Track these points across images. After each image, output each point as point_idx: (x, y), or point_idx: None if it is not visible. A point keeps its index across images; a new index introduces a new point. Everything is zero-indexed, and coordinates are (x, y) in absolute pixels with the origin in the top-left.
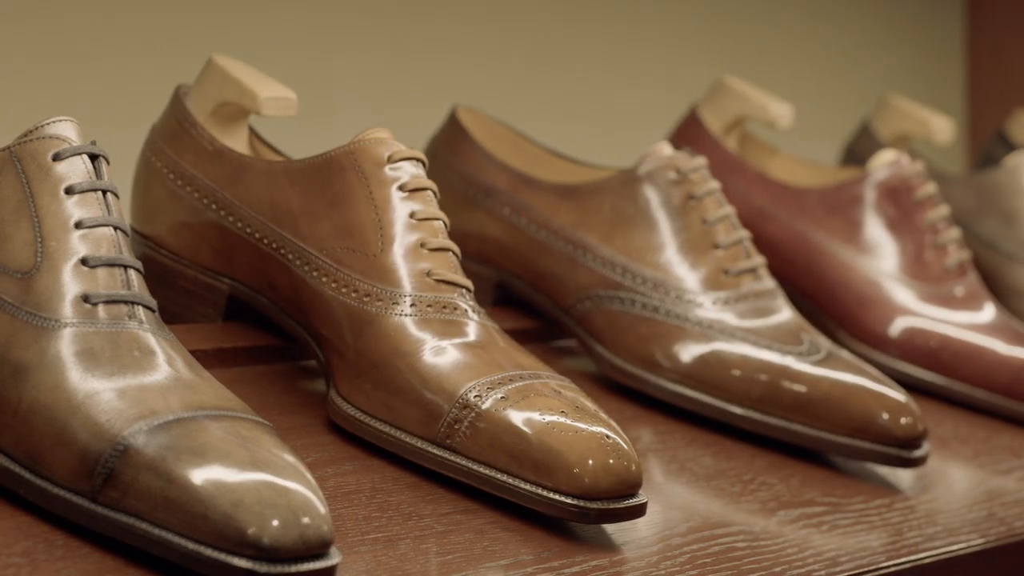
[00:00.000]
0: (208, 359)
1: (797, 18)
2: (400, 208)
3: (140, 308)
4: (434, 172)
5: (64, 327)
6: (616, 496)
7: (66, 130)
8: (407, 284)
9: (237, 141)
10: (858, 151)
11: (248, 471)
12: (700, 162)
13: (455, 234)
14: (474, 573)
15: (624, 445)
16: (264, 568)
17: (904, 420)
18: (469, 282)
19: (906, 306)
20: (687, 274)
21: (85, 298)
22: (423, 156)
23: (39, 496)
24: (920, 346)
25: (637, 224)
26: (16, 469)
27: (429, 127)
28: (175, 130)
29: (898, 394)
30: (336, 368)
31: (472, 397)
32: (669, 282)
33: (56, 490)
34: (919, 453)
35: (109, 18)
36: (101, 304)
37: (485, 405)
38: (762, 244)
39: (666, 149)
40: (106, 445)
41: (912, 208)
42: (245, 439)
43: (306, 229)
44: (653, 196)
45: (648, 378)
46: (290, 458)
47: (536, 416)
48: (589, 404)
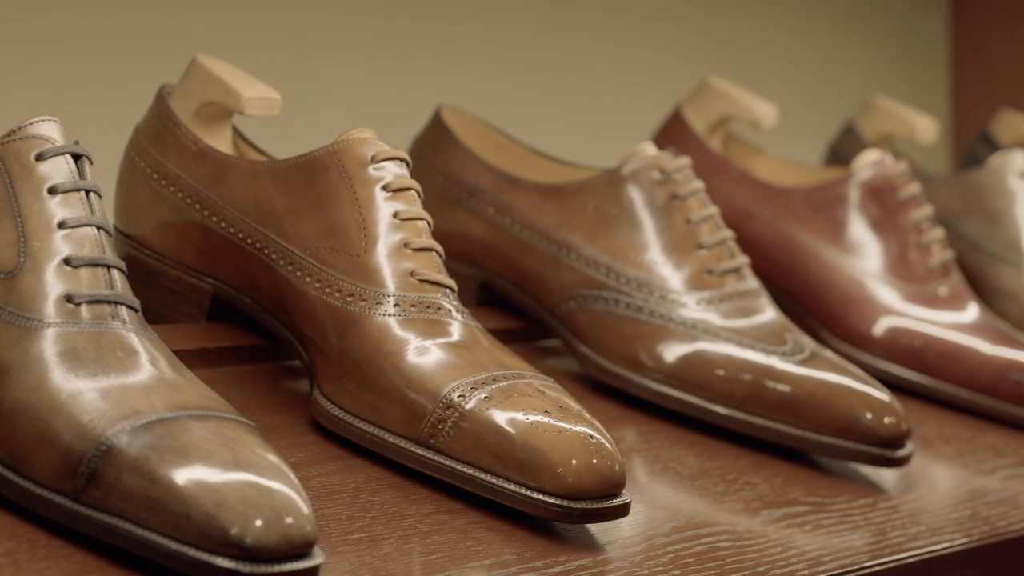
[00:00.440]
0: (192, 359)
1: (781, 18)
2: (384, 208)
3: (123, 308)
4: (418, 172)
5: (47, 327)
6: (600, 496)
7: (49, 130)
8: (391, 284)
9: (221, 141)
10: (842, 151)
11: (231, 471)
12: (684, 162)
13: (439, 234)
14: (457, 573)
15: (608, 445)
16: (247, 568)
17: (888, 420)
18: (453, 282)
19: (890, 306)
20: (671, 274)
21: (68, 298)
22: (407, 156)
23: (22, 496)
24: (904, 346)
25: (621, 224)
26: None
27: (413, 127)
28: (159, 130)
29: (882, 394)
30: (320, 368)
31: (456, 397)
32: (653, 282)
33: (39, 490)
34: (902, 453)
35: (92, 18)
36: (84, 304)
37: (469, 405)
38: (746, 244)
39: (650, 149)
40: (89, 445)
41: (896, 208)
42: (228, 439)
43: (290, 229)
44: (637, 196)
45: (632, 378)
46: (273, 458)
47: (520, 416)
48: (573, 404)
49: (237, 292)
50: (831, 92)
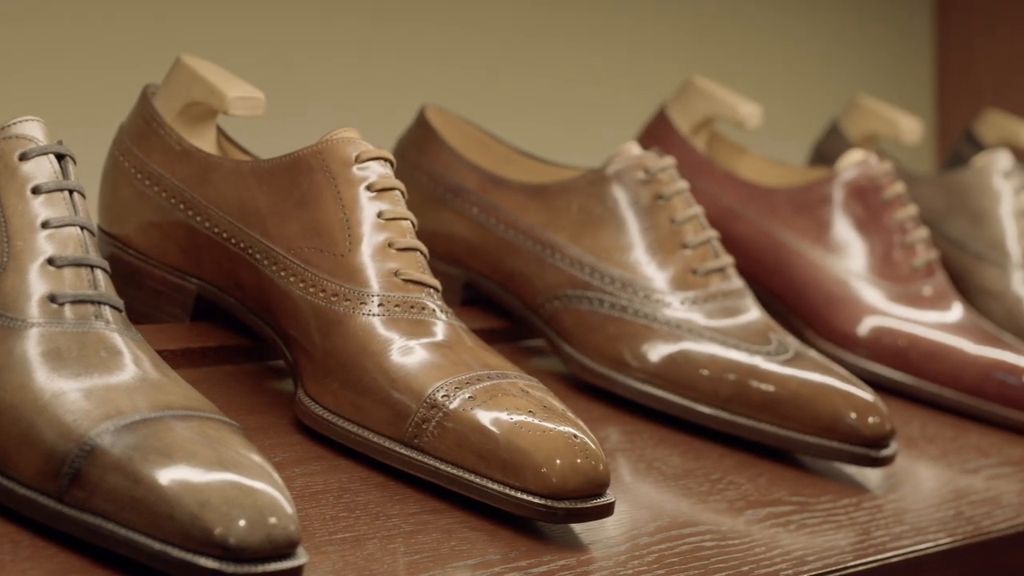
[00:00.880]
0: (176, 359)
1: (766, 18)
2: (368, 208)
3: (107, 308)
4: (402, 172)
5: (30, 327)
6: (584, 496)
7: (32, 130)
8: (375, 284)
9: (205, 141)
10: (827, 151)
11: (215, 471)
12: (668, 162)
13: (424, 234)
14: (441, 573)
15: (592, 445)
16: (231, 568)
17: (872, 419)
18: (437, 282)
19: (874, 306)
20: (655, 274)
21: (51, 298)
22: (391, 156)
23: (5, 496)
24: (888, 345)
25: (605, 224)
26: None
27: (398, 127)
28: (143, 130)
29: (866, 393)
30: (304, 368)
31: (440, 397)
32: (637, 282)
33: (22, 490)
34: (886, 452)
35: (76, 18)
36: (68, 304)
37: (453, 405)
38: (730, 244)
39: (634, 149)
40: (72, 445)
41: (880, 208)
42: (212, 439)
43: (274, 229)
44: (621, 196)
45: (616, 378)
46: (257, 458)
47: (504, 416)
48: (557, 404)
49: (221, 292)
50: (816, 92)
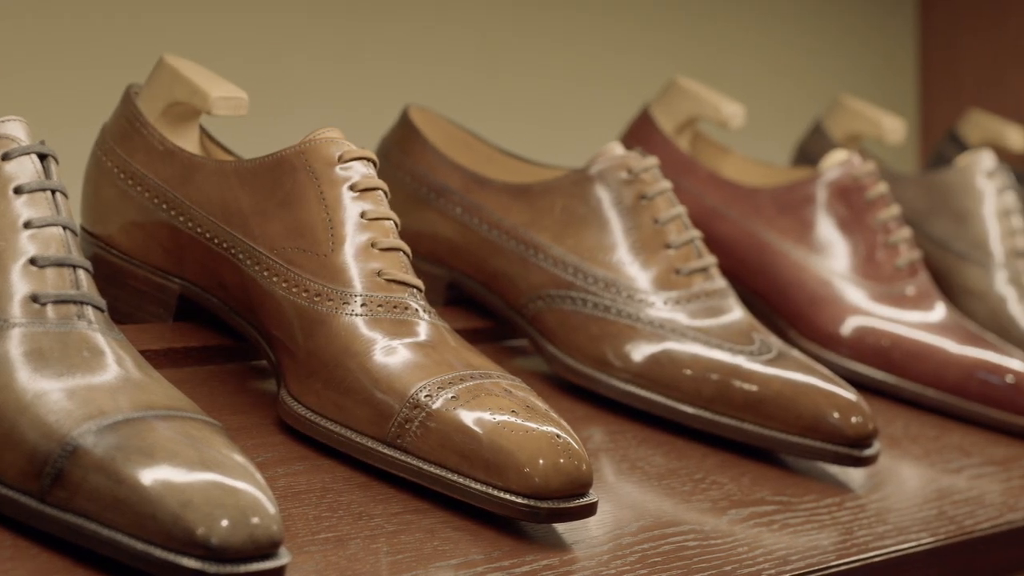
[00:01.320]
0: (158, 359)
1: (749, 18)
2: (351, 208)
3: (89, 308)
4: (386, 172)
5: (12, 327)
6: (567, 495)
7: (15, 130)
8: (358, 284)
9: (188, 141)
10: (810, 151)
11: (197, 471)
12: (651, 162)
13: (407, 234)
14: (424, 573)
15: (575, 445)
16: (213, 568)
17: (854, 419)
18: (420, 282)
19: (857, 305)
20: (638, 274)
21: (34, 298)
22: (374, 156)
23: None
24: (871, 345)
25: (589, 224)
26: None
27: (381, 127)
28: (126, 130)
29: (848, 393)
30: (287, 368)
31: (423, 397)
32: (620, 282)
33: (4, 490)
34: (869, 452)
35: (59, 18)
36: (50, 304)
37: (436, 405)
38: (714, 244)
39: (617, 149)
40: (55, 445)
41: (863, 208)
42: (194, 439)
43: (257, 229)
44: (605, 196)
45: (599, 377)
46: (239, 458)
47: (487, 416)
48: (540, 404)
49: (204, 292)
50: (799, 92)
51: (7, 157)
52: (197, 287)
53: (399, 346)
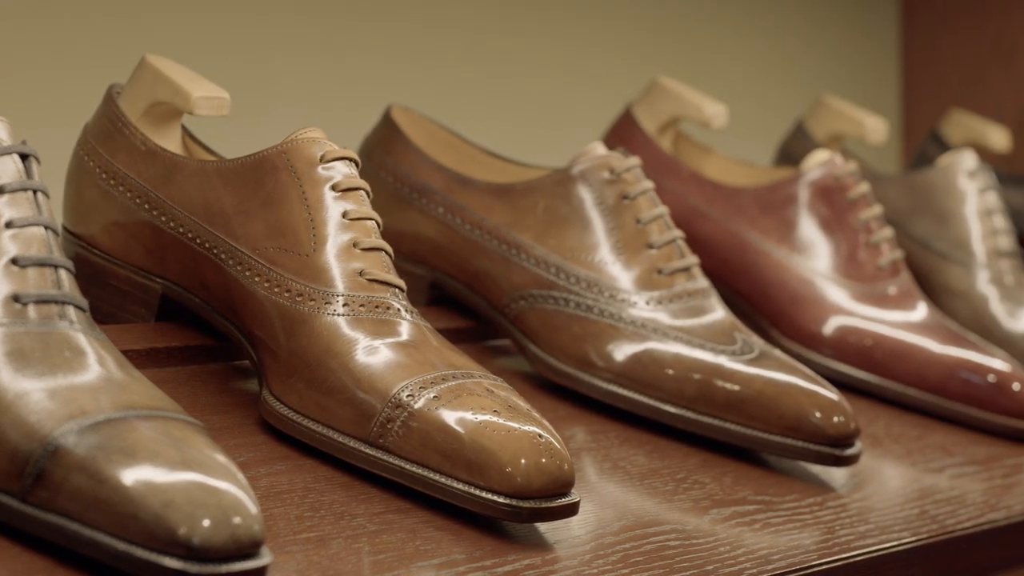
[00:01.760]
0: (140, 359)
1: (731, 18)
2: (333, 208)
3: (71, 308)
4: (368, 171)
5: None
6: (549, 495)
7: None
8: (340, 284)
9: (170, 141)
10: (792, 151)
11: (179, 471)
12: (634, 162)
13: (389, 234)
14: (406, 572)
15: (557, 444)
16: (195, 568)
17: (836, 418)
18: (402, 282)
19: (839, 305)
20: (621, 273)
21: (15, 298)
22: (356, 156)
23: None
24: (853, 345)
25: (571, 224)
26: None
27: (363, 127)
28: (108, 130)
29: (830, 393)
30: (269, 368)
31: (405, 396)
32: (603, 281)
33: None
34: (851, 451)
35: (40, 18)
36: (31, 304)
37: (418, 404)
38: (696, 243)
39: (600, 149)
40: (36, 445)
41: (845, 207)
42: (176, 439)
43: (239, 229)
44: (587, 196)
45: (582, 377)
46: (221, 458)
47: (469, 415)
48: (522, 403)
49: (186, 292)
50: (781, 92)
51: None
52: (179, 287)
53: (381, 346)
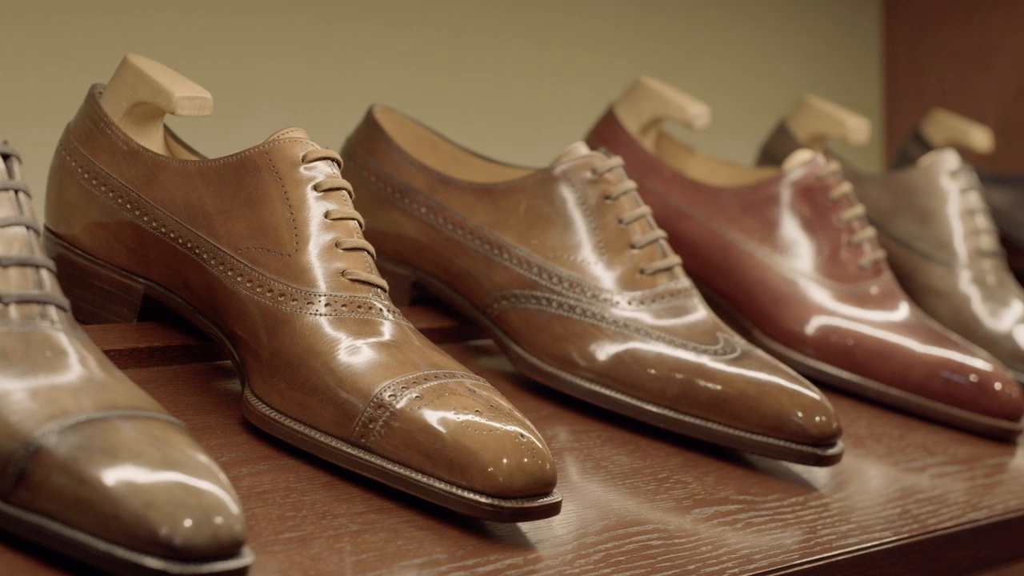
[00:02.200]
0: (123, 359)
1: (714, 18)
2: (315, 208)
3: (52, 308)
4: (351, 171)
5: None
6: (531, 495)
7: None
8: (322, 284)
9: (152, 141)
10: (774, 151)
11: (160, 471)
12: (616, 162)
13: (372, 234)
14: (388, 572)
15: (539, 444)
16: (176, 568)
17: (818, 418)
18: (384, 282)
19: (821, 305)
20: (603, 273)
21: None
22: (338, 156)
23: None
24: (835, 345)
25: (553, 223)
26: None
27: (346, 127)
28: (89, 130)
29: (812, 392)
30: (251, 368)
31: (387, 396)
32: (585, 281)
33: None
34: (833, 451)
35: (21, 18)
36: (13, 304)
37: (400, 404)
38: (678, 243)
39: (582, 149)
40: (17, 445)
41: (827, 207)
42: (158, 439)
43: (221, 229)
44: (569, 196)
45: (564, 377)
46: (203, 458)
47: (451, 415)
48: (504, 403)
49: (168, 292)
50: (763, 92)
51: None
52: (161, 287)
53: (363, 346)
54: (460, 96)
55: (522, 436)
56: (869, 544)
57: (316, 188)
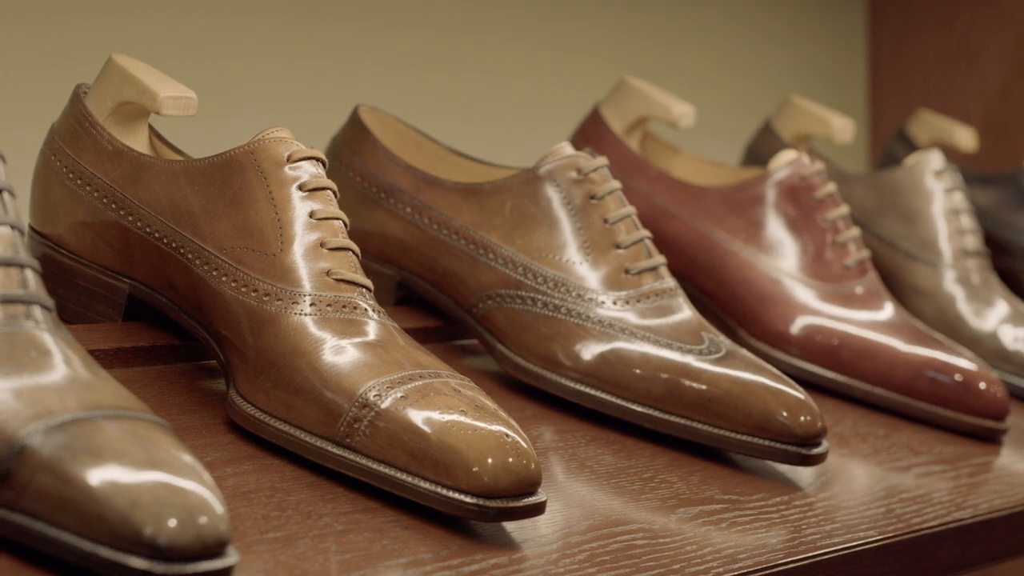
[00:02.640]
0: (108, 359)
1: (699, 18)
2: (300, 207)
3: (37, 308)
4: (336, 171)
5: None
6: (515, 494)
7: None
8: (307, 283)
9: (137, 141)
10: (760, 151)
11: (145, 471)
12: (601, 162)
13: (357, 233)
14: (373, 572)
15: (523, 444)
16: (161, 568)
17: (803, 417)
18: (369, 281)
19: (806, 305)
20: (588, 273)
21: None
22: (323, 156)
23: None
24: (820, 344)
25: (538, 223)
26: None
27: (331, 127)
28: (74, 129)
29: (797, 392)
30: (236, 367)
31: (372, 396)
32: (570, 281)
33: None
34: (818, 450)
35: (6, 17)
36: None
37: (385, 404)
38: (663, 243)
39: (567, 149)
40: (2, 445)
41: (812, 207)
42: (142, 439)
43: (206, 228)
44: (554, 195)
45: (549, 377)
46: (188, 458)
47: (436, 415)
48: (489, 403)
49: (153, 291)
50: (749, 92)
51: None
52: (146, 287)
53: (348, 345)
54: (445, 96)
55: (507, 436)
56: (854, 543)
57: (301, 188)
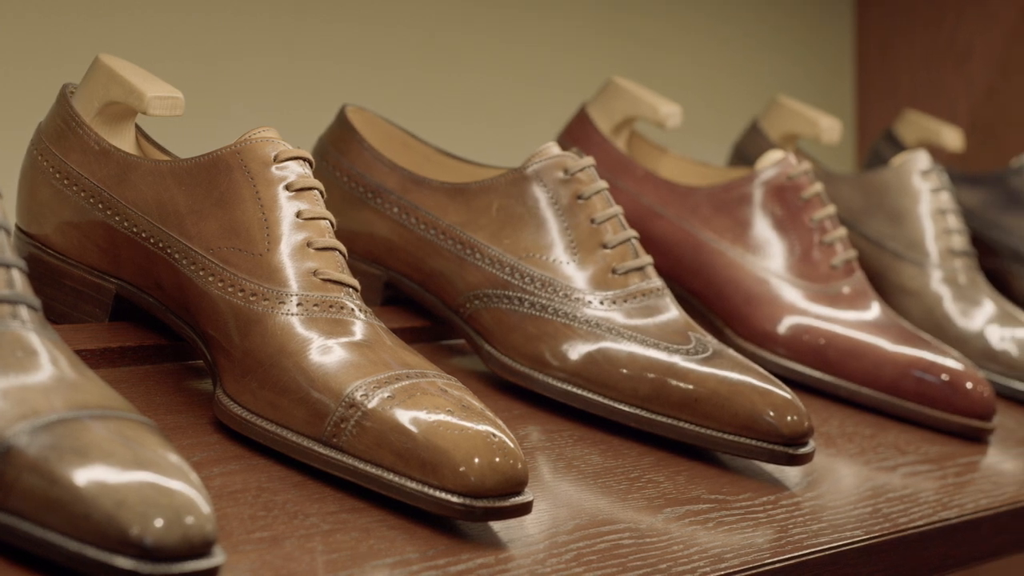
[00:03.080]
0: (94, 359)
1: (686, 18)
2: (286, 207)
3: (23, 308)
4: (323, 171)
5: None
6: (502, 494)
7: None
8: (293, 283)
9: (124, 141)
10: (747, 151)
11: (132, 471)
12: (588, 161)
13: (344, 233)
14: (360, 571)
15: (510, 443)
16: (147, 568)
17: (790, 417)
18: (356, 281)
19: (793, 304)
20: (575, 273)
21: None
22: (309, 155)
23: None
24: (807, 344)
25: (525, 223)
26: None
27: (318, 127)
28: (61, 129)
29: (783, 392)
30: (223, 367)
31: (358, 396)
32: (557, 281)
33: None
34: (804, 450)
35: None
36: None
37: (371, 404)
38: (650, 243)
39: (554, 149)
40: None
41: (799, 207)
42: (129, 439)
43: (192, 228)
44: (541, 195)
45: (536, 376)
46: (174, 458)
47: (422, 415)
48: (475, 403)
49: (140, 291)
50: (736, 92)
51: None
52: (133, 287)
53: (335, 345)
54: (432, 96)
55: (494, 436)
56: (840, 543)
57: (288, 188)
